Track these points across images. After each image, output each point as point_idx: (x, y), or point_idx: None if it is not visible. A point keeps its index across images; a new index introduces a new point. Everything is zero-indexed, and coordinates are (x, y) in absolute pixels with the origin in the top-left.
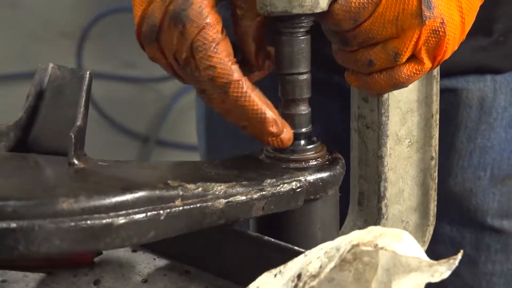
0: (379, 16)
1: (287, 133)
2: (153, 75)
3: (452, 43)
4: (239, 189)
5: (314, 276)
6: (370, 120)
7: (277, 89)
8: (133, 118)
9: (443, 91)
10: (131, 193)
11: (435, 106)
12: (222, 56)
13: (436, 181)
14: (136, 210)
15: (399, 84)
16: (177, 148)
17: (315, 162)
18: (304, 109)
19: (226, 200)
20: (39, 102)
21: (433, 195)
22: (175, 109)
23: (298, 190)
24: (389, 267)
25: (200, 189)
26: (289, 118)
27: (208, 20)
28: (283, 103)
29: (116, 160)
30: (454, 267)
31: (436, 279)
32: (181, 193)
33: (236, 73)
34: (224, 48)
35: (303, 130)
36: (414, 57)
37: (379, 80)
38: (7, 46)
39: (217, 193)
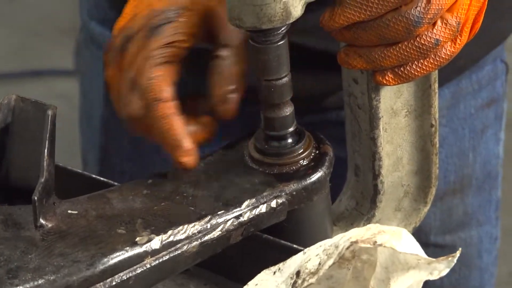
0: None
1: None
2: None
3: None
4: (215, 222)
5: (313, 274)
6: (361, 102)
7: None
8: None
9: None
10: (97, 266)
11: (433, 75)
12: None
13: (437, 146)
14: (102, 283)
15: (439, 66)
16: None
17: (301, 163)
18: (287, 110)
19: (200, 241)
20: (6, 138)
21: (435, 159)
22: None
23: (278, 208)
24: (387, 265)
25: (171, 238)
26: (272, 121)
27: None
28: (265, 107)
29: (86, 198)
30: (452, 264)
31: (434, 276)
32: (151, 249)
33: (168, 93)
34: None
35: (289, 130)
36: None
37: (423, 67)
38: (4, 43)
39: (190, 234)
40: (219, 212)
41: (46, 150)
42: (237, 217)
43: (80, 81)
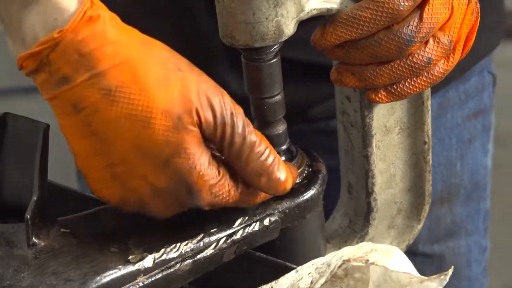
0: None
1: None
2: None
3: (476, 29)
4: (207, 240)
5: None
6: (354, 120)
7: None
8: None
9: None
10: (89, 285)
11: (426, 93)
12: None
13: (431, 163)
14: None
15: (432, 84)
16: None
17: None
18: (280, 128)
19: (193, 259)
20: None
21: (428, 176)
22: None
23: (271, 226)
24: (380, 283)
25: (163, 256)
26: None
27: None
28: (257, 125)
29: (79, 216)
30: (445, 282)
31: None
32: (143, 267)
33: None
34: None
35: (282, 148)
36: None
37: (415, 85)
38: (1, 60)
39: (183, 252)
40: (211, 230)
41: (38, 168)
42: (230, 235)
43: None
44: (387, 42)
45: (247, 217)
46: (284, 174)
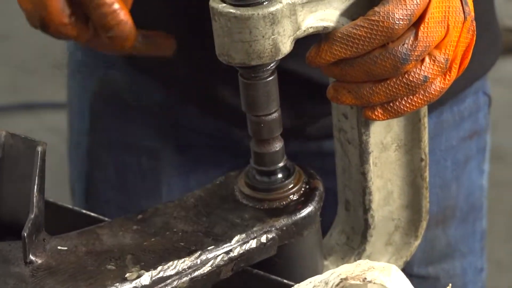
0: (432, 17)
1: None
2: None
3: (472, 47)
4: (205, 258)
5: None
6: (351, 137)
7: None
8: None
9: None
10: None
11: (423, 110)
12: None
13: (428, 180)
14: None
15: (429, 102)
16: None
17: (291, 198)
18: (276, 146)
19: (190, 277)
20: None
21: (425, 193)
22: None
23: (268, 243)
24: None
25: (161, 274)
26: (262, 156)
27: None
28: (254, 143)
29: (76, 234)
30: None
31: None
32: (140, 285)
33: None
34: None
35: (279, 165)
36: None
37: (412, 103)
38: (1, 76)
39: (180, 270)
40: (209, 248)
41: (36, 186)
42: (227, 253)
43: (68, 111)
44: (383, 60)
45: (244, 235)
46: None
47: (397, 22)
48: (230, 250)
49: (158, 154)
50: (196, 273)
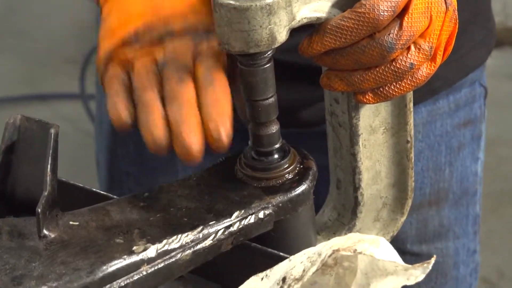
0: (415, 8)
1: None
2: None
3: (455, 34)
4: (206, 232)
5: (297, 280)
6: (342, 120)
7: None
8: None
9: None
10: (96, 274)
11: (409, 96)
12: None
13: (413, 160)
14: None
15: (416, 87)
16: None
17: (286, 177)
18: (273, 128)
19: (193, 250)
20: (12, 155)
21: (410, 172)
22: None
23: (265, 219)
24: (367, 271)
25: (165, 247)
26: (259, 138)
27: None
28: (252, 125)
29: (87, 210)
30: (427, 270)
31: (411, 282)
32: (147, 257)
33: None
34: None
35: (276, 146)
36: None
37: (400, 88)
38: (14, 71)
39: (184, 243)
40: (210, 223)
41: (49, 166)
42: (227, 227)
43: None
44: (370, 50)
45: (243, 211)
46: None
47: (382, 13)
48: (230, 225)
49: None
50: (199, 247)
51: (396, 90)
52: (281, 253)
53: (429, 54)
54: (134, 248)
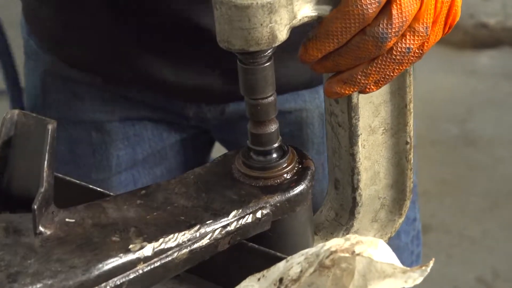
0: None
1: None
2: None
3: (459, 7)
4: (203, 231)
5: (294, 280)
6: (341, 120)
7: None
8: None
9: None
10: (92, 272)
11: (409, 96)
12: None
13: (412, 161)
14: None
15: (415, 62)
16: None
17: (285, 177)
18: (272, 127)
19: (190, 249)
20: (8, 151)
21: (409, 173)
22: None
23: (263, 218)
24: (365, 273)
25: (162, 246)
26: (258, 137)
27: None
28: (251, 124)
29: (83, 207)
30: (426, 273)
31: (409, 284)
32: (143, 256)
33: None
34: None
35: (274, 145)
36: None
37: (401, 68)
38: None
39: (181, 242)
40: (207, 222)
41: (46, 162)
42: (224, 227)
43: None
44: (364, 44)
45: (240, 210)
46: None
47: (365, 7)
48: (227, 224)
49: (104, 127)
50: (195, 245)
51: (396, 71)
52: (278, 254)
53: (425, 34)
54: (131, 246)
